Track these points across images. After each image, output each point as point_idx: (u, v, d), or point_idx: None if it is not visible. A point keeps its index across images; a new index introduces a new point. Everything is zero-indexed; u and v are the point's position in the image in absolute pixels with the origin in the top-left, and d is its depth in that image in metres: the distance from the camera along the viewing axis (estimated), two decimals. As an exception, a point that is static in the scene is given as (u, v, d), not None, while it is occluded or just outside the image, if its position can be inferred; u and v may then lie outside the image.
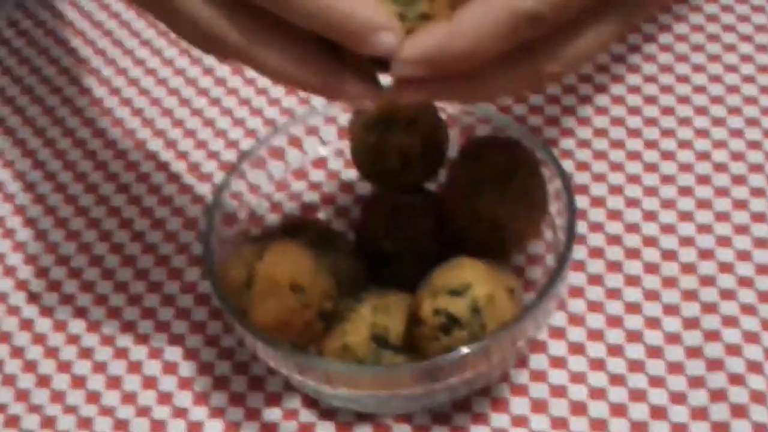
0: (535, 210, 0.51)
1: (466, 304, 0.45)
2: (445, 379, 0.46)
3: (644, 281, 0.54)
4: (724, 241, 0.55)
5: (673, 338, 0.52)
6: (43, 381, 0.54)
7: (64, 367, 0.54)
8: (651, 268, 0.55)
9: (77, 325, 0.56)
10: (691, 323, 0.52)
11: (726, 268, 0.54)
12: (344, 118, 0.58)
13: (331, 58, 0.41)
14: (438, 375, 0.46)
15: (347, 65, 0.41)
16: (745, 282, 0.54)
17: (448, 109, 0.56)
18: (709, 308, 0.53)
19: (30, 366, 0.54)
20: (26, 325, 0.56)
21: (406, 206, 0.53)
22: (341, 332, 0.48)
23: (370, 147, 0.52)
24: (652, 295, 0.54)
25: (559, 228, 0.51)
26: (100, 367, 0.54)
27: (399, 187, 0.54)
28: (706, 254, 0.55)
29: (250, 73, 0.67)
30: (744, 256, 0.55)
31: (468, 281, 0.46)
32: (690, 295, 0.54)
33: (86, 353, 0.55)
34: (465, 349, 0.45)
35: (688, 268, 0.55)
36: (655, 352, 0.52)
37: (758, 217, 0.57)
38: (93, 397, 0.53)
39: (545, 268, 0.54)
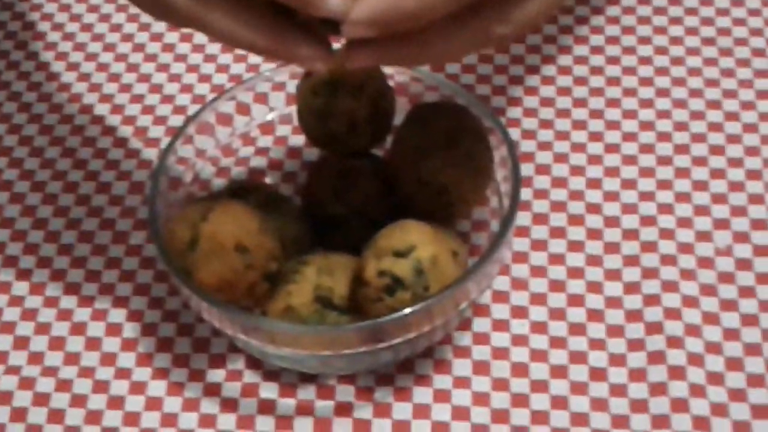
0: (481, 176, 0.51)
1: (410, 266, 0.46)
2: (388, 340, 0.47)
3: (587, 247, 0.55)
4: (666, 209, 0.57)
5: (613, 302, 0.53)
6: None
7: (8, 327, 0.54)
8: (594, 234, 0.56)
9: (21, 287, 0.56)
10: (632, 288, 0.53)
11: (667, 234, 0.55)
12: (292, 84, 0.57)
13: (282, 20, 0.41)
14: (381, 335, 0.46)
15: (298, 28, 0.41)
16: (685, 248, 0.55)
17: (396, 76, 0.57)
18: (650, 273, 0.54)
19: None
20: None
21: (352, 170, 0.53)
22: (285, 293, 0.49)
23: (317, 111, 0.52)
24: (594, 261, 0.55)
25: (504, 194, 0.52)
26: (43, 329, 0.54)
27: (346, 152, 0.54)
28: (647, 221, 0.56)
29: (199, 39, 0.67)
30: (685, 222, 0.56)
31: (412, 243, 0.46)
32: (631, 260, 0.55)
33: (29, 315, 0.54)
34: (408, 310, 0.45)
35: (630, 234, 0.56)
36: (595, 315, 0.53)
37: (700, 186, 0.58)
38: (35, 358, 0.53)
39: (490, 233, 0.54)
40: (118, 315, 0.54)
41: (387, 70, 0.55)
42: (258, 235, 0.48)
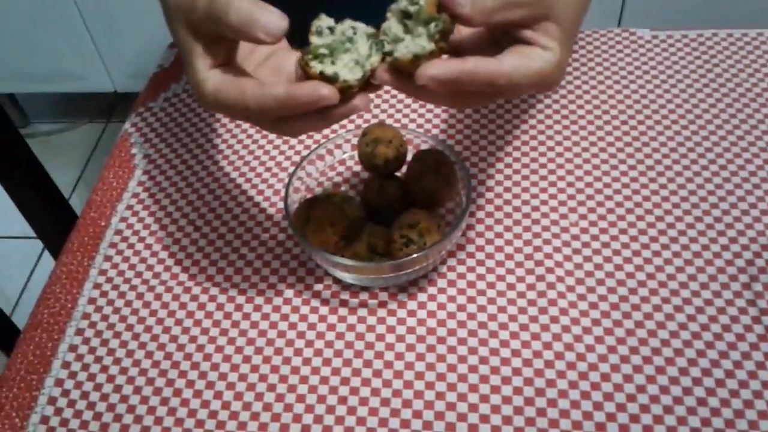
0: (451, 186, 0.55)
1: (416, 232, 0.50)
2: (405, 270, 0.51)
3: (504, 221, 0.58)
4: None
5: (517, 264, 0.57)
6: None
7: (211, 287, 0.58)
8: (508, 229, 0.58)
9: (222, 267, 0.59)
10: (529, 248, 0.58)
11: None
12: (354, 139, 0.59)
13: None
14: (402, 267, 0.51)
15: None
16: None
17: (406, 135, 0.58)
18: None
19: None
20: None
21: (386, 184, 0.56)
22: (353, 247, 0.53)
23: (367, 153, 0.56)
24: (509, 243, 0.56)
25: (462, 195, 0.54)
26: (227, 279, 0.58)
27: (383, 175, 0.56)
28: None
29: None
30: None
31: (417, 220, 0.51)
32: (528, 242, 0.58)
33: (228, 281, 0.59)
34: (415, 255, 0.50)
35: (527, 216, 0.59)
36: (511, 256, 0.57)
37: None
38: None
39: (456, 215, 0.57)
40: (266, 271, 0.56)
41: (402, 132, 0.58)
42: (339, 216, 0.52)
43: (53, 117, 2.03)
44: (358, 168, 0.62)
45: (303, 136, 0.67)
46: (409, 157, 0.57)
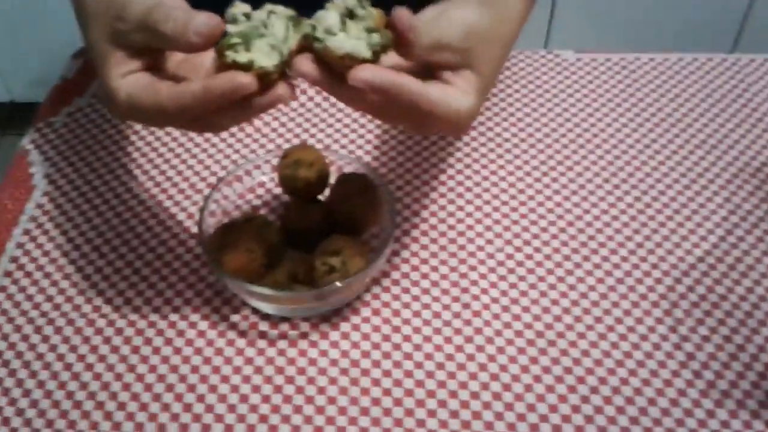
0: (374, 210, 0.55)
1: (339, 260, 0.51)
2: (327, 299, 0.51)
3: (430, 247, 0.59)
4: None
5: (443, 291, 0.57)
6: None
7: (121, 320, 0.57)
8: (434, 255, 0.59)
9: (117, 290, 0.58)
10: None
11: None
12: (275, 161, 0.59)
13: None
14: (324, 296, 0.51)
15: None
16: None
17: (329, 157, 0.59)
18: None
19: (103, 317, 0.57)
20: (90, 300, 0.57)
21: (307, 208, 0.56)
22: (273, 274, 0.53)
23: (288, 176, 0.56)
24: (434, 269, 0.57)
25: (387, 220, 0.55)
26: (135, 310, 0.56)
27: (304, 198, 0.56)
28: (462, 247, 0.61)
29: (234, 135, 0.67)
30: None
31: (340, 247, 0.51)
32: (453, 269, 0.59)
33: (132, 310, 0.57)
34: (338, 283, 0.50)
35: (453, 242, 0.60)
36: (428, 294, 0.57)
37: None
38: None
39: (379, 240, 0.56)
40: (178, 301, 0.56)
41: (324, 153, 0.58)
42: (257, 242, 0.52)
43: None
44: (278, 191, 0.62)
45: (221, 156, 0.66)
46: (332, 180, 0.58)
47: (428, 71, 0.42)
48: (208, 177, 0.65)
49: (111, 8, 0.40)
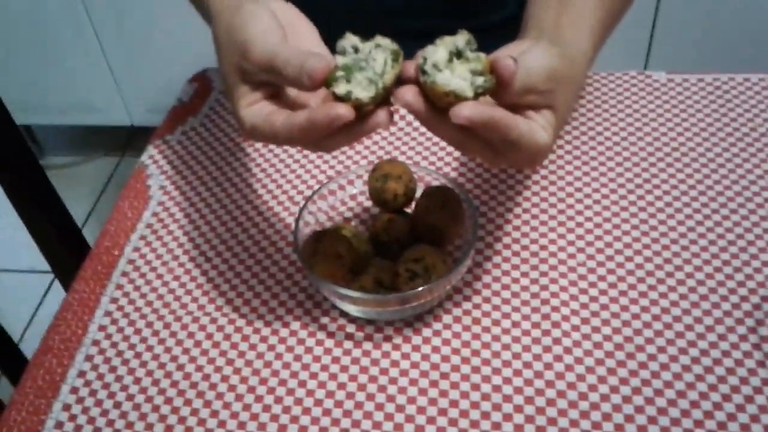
0: (458, 223, 0.58)
1: (421, 266, 0.54)
2: (410, 303, 0.54)
3: (512, 259, 0.60)
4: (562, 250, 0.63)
5: (523, 303, 0.59)
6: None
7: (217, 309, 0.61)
8: (515, 267, 0.60)
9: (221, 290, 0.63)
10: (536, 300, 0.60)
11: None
12: (366, 175, 0.63)
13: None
14: (407, 300, 0.54)
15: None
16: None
17: (417, 172, 0.62)
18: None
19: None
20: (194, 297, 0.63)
21: (394, 219, 0.59)
22: (360, 280, 0.56)
23: (377, 189, 0.59)
24: (516, 281, 0.59)
25: (470, 232, 0.57)
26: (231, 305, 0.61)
27: (392, 210, 0.60)
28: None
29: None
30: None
31: (423, 255, 0.54)
32: (534, 281, 0.60)
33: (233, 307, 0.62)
34: (420, 288, 0.53)
35: (535, 255, 0.61)
36: (508, 313, 0.59)
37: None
38: (232, 320, 0.60)
39: (461, 252, 0.59)
40: (274, 302, 0.59)
41: (412, 168, 0.62)
42: (347, 249, 0.56)
43: (68, 149, 2.10)
44: (368, 204, 0.65)
45: (317, 171, 0.71)
46: (418, 194, 0.61)
47: (510, 107, 0.44)
48: (305, 191, 0.69)
49: (236, 47, 0.45)
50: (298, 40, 0.49)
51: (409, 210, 0.61)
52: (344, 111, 0.42)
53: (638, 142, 0.71)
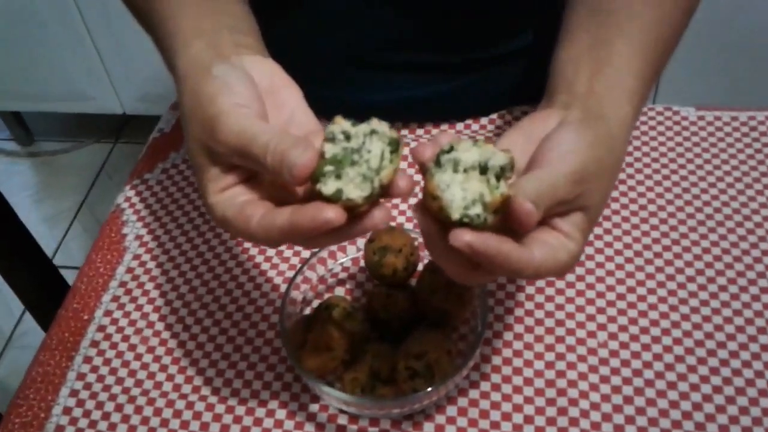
0: (466, 305, 0.52)
1: (423, 364, 0.48)
2: (410, 405, 0.49)
3: (524, 354, 0.54)
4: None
5: (537, 392, 0.53)
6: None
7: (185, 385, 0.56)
8: (528, 346, 0.54)
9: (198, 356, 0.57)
10: (549, 382, 0.54)
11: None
12: (361, 243, 0.57)
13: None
14: (405, 405, 0.48)
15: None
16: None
17: (418, 240, 0.55)
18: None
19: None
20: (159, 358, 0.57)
21: (393, 296, 0.53)
22: (353, 370, 0.50)
23: (374, 263, 0.54)
24: (529, 364, 0.53)
25: (478, 315, 0.52)
26: (208, 381, 0.55)
27: (390, 284, 0.54)
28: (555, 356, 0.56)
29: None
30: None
31: (425, 350, 0.48)
32: (550, 365, 0.54)
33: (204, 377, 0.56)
34: (421, 392, 0.47)
35: (539, 339, 0.55)
36: (522, 397, 0.53)
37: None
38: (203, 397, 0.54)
39: (468, 341, 0.54)
40: (257, 384, 0.53)
41: (414, 236, 0.55)
42: (338, 340, 0.50)
43: (59, 136, 2.03)
44: (362, 276, 0.59)
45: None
46: (421, 265, 0.55)
47: None
48: (290, 258, 0.62)
49: (204, 123, 0.39)
50: (279, 111, 0.42)
51: (410, 280, 0.56)
52: (334, 215, 0.35)
53: (663, 182, 0.64)
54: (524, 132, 0.42)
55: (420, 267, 0.55)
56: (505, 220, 0.36)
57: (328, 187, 0.36)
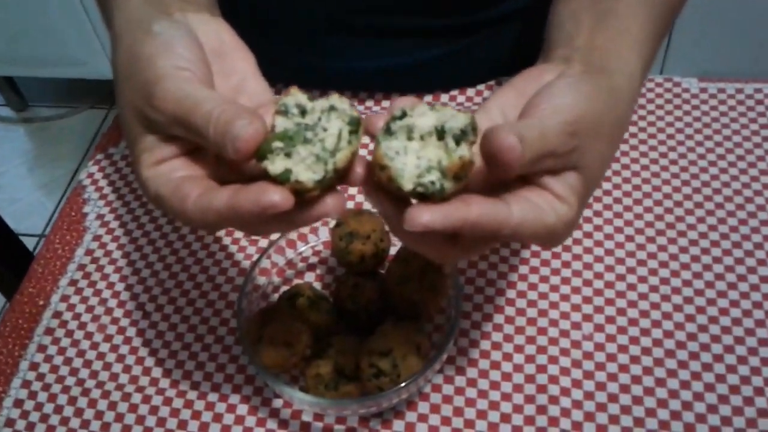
0: (439, 295, 0.49)
1: (389, 362, 0.44)
2: (376, 404, 0.45)
3: (503, 347, 0.50)
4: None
5: (515, 388, 0.49)
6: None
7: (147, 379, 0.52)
8: (508, 338, 0.51)
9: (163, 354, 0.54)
10: (530, 379, 0.50)
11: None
12: (332, 223, 0.53)
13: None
14: (369, 405, 0.45)
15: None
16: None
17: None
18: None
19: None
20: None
21: (361, 284, 0.50)
22: (316, 365, 0.47)
23: (342, 249, 0.50)
24: (508, 357, 0.50)
25: (452, 307, 0.48)
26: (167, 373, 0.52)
27: (358, 272, 0.51)
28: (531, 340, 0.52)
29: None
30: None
31: (390, 347, 0.45)
32: (530, 358, 0.50)
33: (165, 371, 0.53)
34: (385, 391, 0.44)
35: (520, 331, 0.51)
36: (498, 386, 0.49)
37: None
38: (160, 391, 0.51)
39: (443, 332, 0.50)
40: (219, 377, 0.50)
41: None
42: (298, 335, 0.46)
43: (53, 101, 1.99)
44: (332, 262, 0.56)
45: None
46: (392, 252, 0.51)
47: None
48: (259, 240, 0.58)
49: (140, 88, 0.35)
50: (227, 77, 0.38)
51: (381, 267, 0.52)
52: (279, 198, 0.31)
53: (660, 159, 0.59)
54: (517, 89, 0.38)
55: (392, 253, 0.51)
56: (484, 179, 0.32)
57: (275, 166, 0.32)
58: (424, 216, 0.30)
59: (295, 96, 0.33)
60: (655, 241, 0.55)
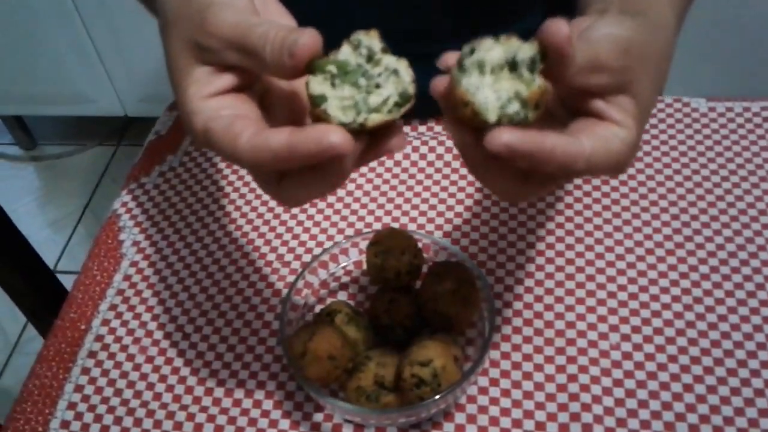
0: (471, 310, 0.50)
1: (429, 372, 0.46)
2: (416, 414, 0.47)
3: (534, 358, 0.52)
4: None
5: (548, 397, 0.51)
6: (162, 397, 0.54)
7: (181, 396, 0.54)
8: (538, 350, 0.52)
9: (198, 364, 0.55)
10: (562, 388, 0.51)
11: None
12: (363, 243, 0.55)
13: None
14: (411, 414, 0.47)
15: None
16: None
17: (422, 241, 0.54)
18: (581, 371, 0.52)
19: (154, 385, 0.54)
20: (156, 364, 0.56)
21: (396, 300, 0.51)
22: (357, 378, 0.48)
23: (377, 266, 0.52)
24: (539, 368, 0.51)
25: (485, 319, 0.50)
26: (209, 391, 0.53)
27: (393, 289, 0.52)
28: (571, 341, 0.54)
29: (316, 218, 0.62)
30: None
31: (430, 357, 0.46)
32: (561, 368, 0.52)
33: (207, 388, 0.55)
34: (427, 400, 0.45)
35: (549, 343, 0.53)
36: (540, 405, 0.51)
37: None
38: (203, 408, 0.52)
39: (476, 346, 0.52)
40: (259, 394, 0.52)
41: (417, 236, 0.54)
42: (341, 348, 0.48)
43: (61, 139, 2.02)
44: (365, 280, 0.58)
45: (326, 223, 0.62)
46: (426, 268, 0.53)
47: (570, 108, 0.36)
48: (296, 247, 0.61)
49: (194, 17, 0.35)
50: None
51: (415, 283, 0.54)
52: (341, 140, 0.31)
53: (675, 176, 0.62)
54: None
55: (425, 270, 0.53)
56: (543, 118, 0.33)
57: (316, 86, 0.32)
58: (504, 135, 0.30)
59: (372, 39, 0.33)
60: (675, 253, 0.58)
